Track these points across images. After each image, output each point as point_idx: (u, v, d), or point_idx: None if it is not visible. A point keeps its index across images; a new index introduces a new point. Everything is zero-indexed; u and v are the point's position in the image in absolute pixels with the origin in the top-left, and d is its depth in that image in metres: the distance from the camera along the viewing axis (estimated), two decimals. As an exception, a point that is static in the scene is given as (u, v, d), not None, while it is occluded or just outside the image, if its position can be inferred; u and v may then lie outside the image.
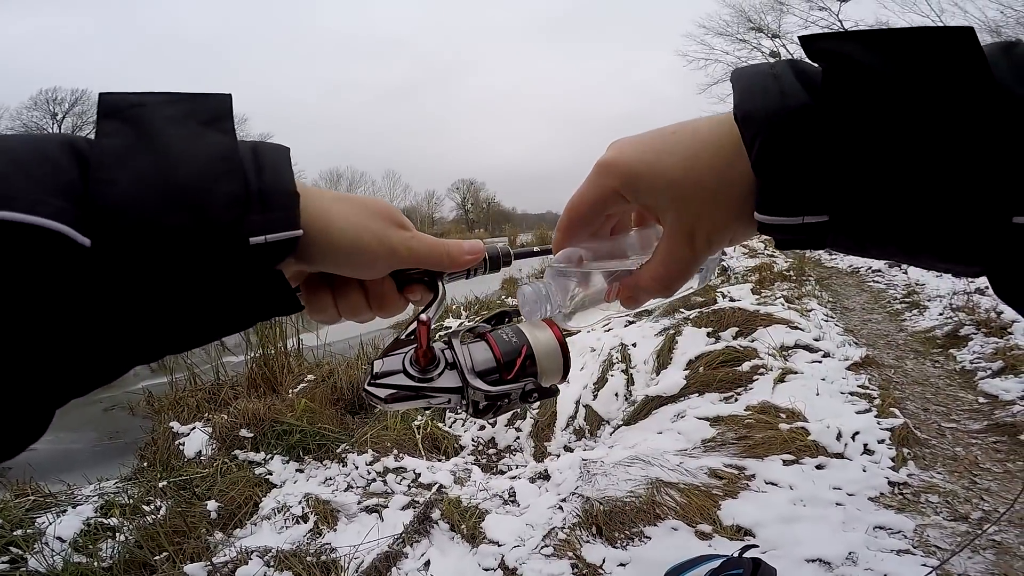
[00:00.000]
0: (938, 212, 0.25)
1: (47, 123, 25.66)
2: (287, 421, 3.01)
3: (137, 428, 3.53)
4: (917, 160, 0.24)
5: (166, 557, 2.08)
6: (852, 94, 0.25)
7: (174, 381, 4.00)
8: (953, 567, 1.73)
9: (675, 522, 2.03)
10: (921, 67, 0.24)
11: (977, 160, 0.24)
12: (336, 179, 39.78)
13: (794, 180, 0.27)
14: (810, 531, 1.93)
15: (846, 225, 0.27)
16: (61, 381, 0.26)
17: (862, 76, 0.25)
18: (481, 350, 0.36)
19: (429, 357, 0.35)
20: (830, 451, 2.42)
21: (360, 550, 2.03)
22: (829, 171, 0.26)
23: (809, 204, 0.27)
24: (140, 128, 0.27)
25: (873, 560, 1.78)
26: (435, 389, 0.35)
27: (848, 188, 0.26)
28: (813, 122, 0.26)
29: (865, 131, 0.25)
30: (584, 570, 1.84)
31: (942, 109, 0.24)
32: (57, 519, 2.21)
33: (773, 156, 0.27)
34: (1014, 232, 0.24)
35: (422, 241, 0.37)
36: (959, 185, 0.24)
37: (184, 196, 0.26)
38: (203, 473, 2.66)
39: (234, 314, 0.30)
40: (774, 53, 19.08)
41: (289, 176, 0.30)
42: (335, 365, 3.92)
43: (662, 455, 2.42)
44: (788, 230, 0.28)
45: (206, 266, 0.27)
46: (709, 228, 0.31)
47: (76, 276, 0.25)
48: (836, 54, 0.26)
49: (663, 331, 3.84)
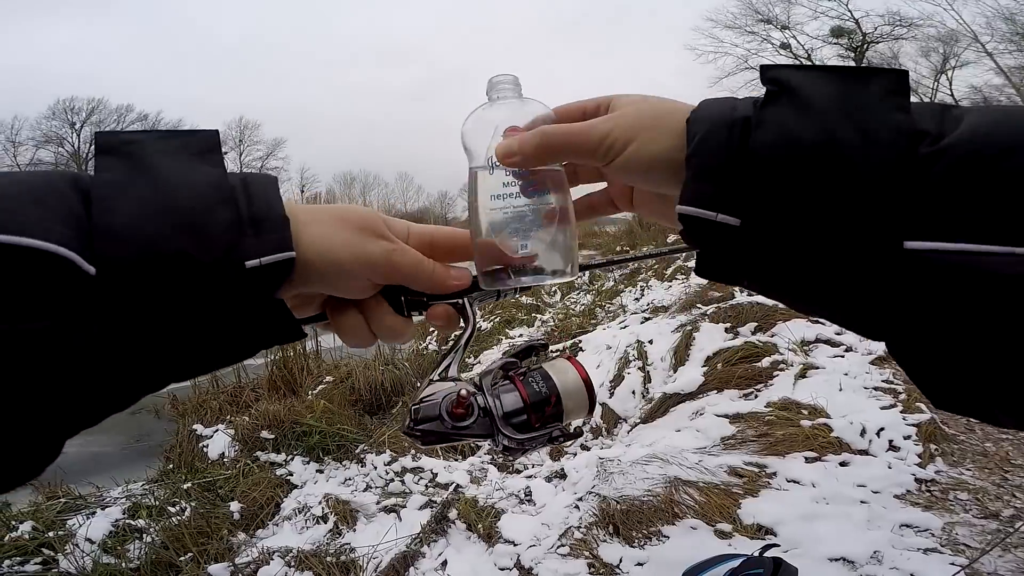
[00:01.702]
0: (835, 235, 0.25)
1: (66, 132, 26.39)
2: (307, 422, 3.05)
3: (162, 431, 3.62)
4: (821, 180, 0.26)
5: (190, 558, 2.13)
6: (779, 114, 0.27)
7: (197, 384, 4.08)
8: (983, 566, 1.68)
9: (694, 521, 2.00)
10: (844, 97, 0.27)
11: (874, 187, 0.25)
12: (350, 181, 40.19)
13: (714, 175, 0.28)
14: (833, 529, 1.89)
15: (754, 236, 0.27)
16: (69, 411, 0.27)
17: (792, 101, 0.27)
18: (511, 399, 0.38)
19: (464, 411, 0.37)
20: (854, 448, 2.37)
21: (379, 550, 2.05)
22: (749, 176, 0.27)
23: (725, 203, 0.28)
24: (136, 162, 0.29)
25: (899, 559, 1.74)
26: (468, 435, 0.37)
27: (760, 196, 0.27)
28: (745, 132, 0.28)
29: (783, 149, 0.26)
30: (601, 570, 1.83)
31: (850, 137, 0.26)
32: (87, 521, 2.28)
33: (704, 150, 0.28)
34: (906, 259, 0.24)
35: (406, 255, 0.36)
36: (853, 211, 0.25)
37: (183, 221, 0.27)
38: (226, 474, 2.72)
39: (235, 341, 0.30)
40: (784, 44, 18.72)
41: (278, 201, 0.31)
42: (353, 367, 3.96)
43: (680, 453, 2.40)
44: (703, 231, 0.29)
45: (206, 291, 0.27)
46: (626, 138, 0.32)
47: (83, 304, 0.25)
48: (779, 80, 0.28)
49: (680, 327, 3.79)
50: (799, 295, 0.29)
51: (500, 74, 0.41)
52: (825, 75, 0.28)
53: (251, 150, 31.58)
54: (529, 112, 0.39)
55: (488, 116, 0.40)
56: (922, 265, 0.24)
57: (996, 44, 14.12)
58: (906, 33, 16.89)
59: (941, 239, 0.24)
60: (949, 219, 0.24)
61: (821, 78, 0.28)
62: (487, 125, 0.39)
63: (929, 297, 0.24)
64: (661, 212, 0.39)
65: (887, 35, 17.39)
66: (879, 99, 0.26)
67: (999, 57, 14.00)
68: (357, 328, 0.38)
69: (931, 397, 0.27)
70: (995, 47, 14.07)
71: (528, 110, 0.39)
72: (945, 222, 0.24)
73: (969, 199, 0.24)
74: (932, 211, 0.24)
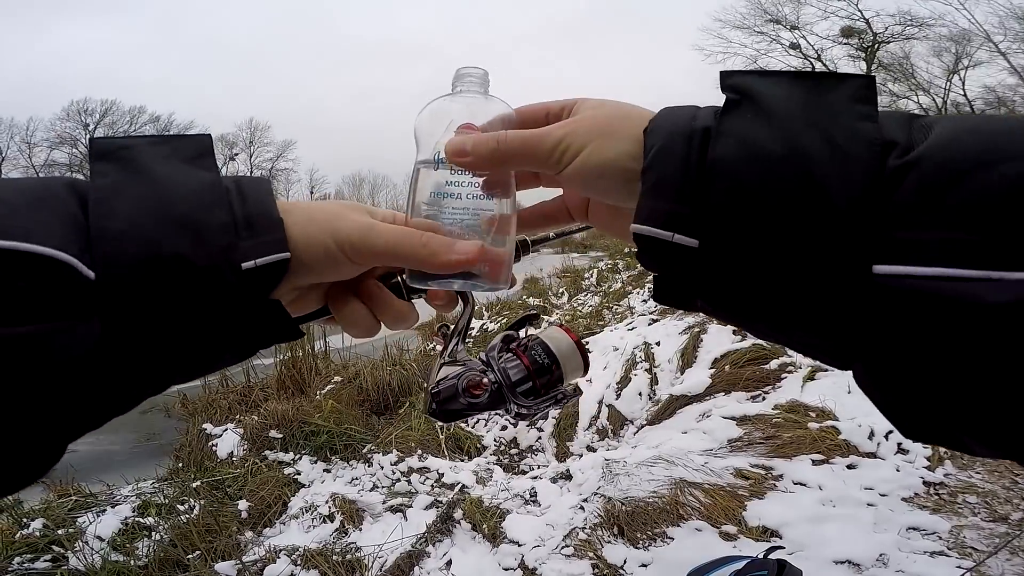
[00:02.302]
0: (800, 256, 0.24)
1: (80, 134, 26.69)
2: (315, 422, 3.08)
3: (172, 430, 3.66)
4: (784, 197, 0.24)
5: (198, 555, 2.15)
6: (740, 123, 0.26)
7: (207, 384, 4.12)
8: (990, 569, 1.66)
9: (699, 523, 2.00)
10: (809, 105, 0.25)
11: (841, 205, 0.23)
12: (359, 183, 40.40)
13: (671, 191, 0.26)
14: (839, 532, 1.88)
15: (713, 259, 0.26)
16: (72, 415, 0.27)
17: (753, 109, 0.26)
18: (517, 370, 0.40)
19: (481, 389, 0.40)
20: (862, 450, 2.35)
21: (384, 549, 2.07)
22: (707, 192, 0.25)
23: (682, 223, 0.26)
24: (131, 167, 0.29)
25: (905, 562, 1.73)
26: (484, 409, 0.40)
27: (719, 215, 0.25)
28: (704, 143, 0.26)
29: (743, 163, 0.25)
30: (605, 570, 1.83)
31: (815, 148, 0.24)
32: (97, 518, 2.31)
33: (660, 163, 0.27)
34: (875, 285, 0.22)
35: (386, 229, 0.34)
36: (820, 228, 0.23)
37: (180, 224, 0.28)
38: (235, 473, 2.74)
39: (234, 342, 0.30)
40: (794, 45, 18.59)
41: (272, 204, 0.31)
42: (361, 367, 3.98)
43: (686, 455, 2.39)
44: (658, 252, 0.27)
45: (204, 293, 0.28)
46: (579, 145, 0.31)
47: (84, 307, 0.26)
48: (739, 87, 0.27)
49: (687, 329, 3.78)
50: (757, 320, 0.27)
51: (468, 66, 0.40)
52: (788, 81, 0.27)
53: (261, 151, 31.83)
54: (490, 111, 0.38)
55: (445, 108, 0.39)
56: (892, 291, 0.22)
57: (1009, 43, 13.97)
58: (917, 33, 16.74)
59: (912, 263, 0.22)
60: (920, 240, 0.22)
61: (784, 84, 0.26)
62: (442, 118, 0.38)
63: (900, 325, 0.22)
64: (616, 227, 0.37)
65: (898, 35, 17.22)
66: (845, 106, 0.25)
67: (1012, 56, 13.85)
68: (361, 317, 0.37)
69: (899, 427, 0.26)
70: (1008, 46, 13.93)
71: (489, 108, 0.38)
72: (916, 244, 0.22)
73: (941, 217, 0.21)
74: (902, 231, 0.22)
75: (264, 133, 32.10)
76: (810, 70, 0.26)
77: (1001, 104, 15.45)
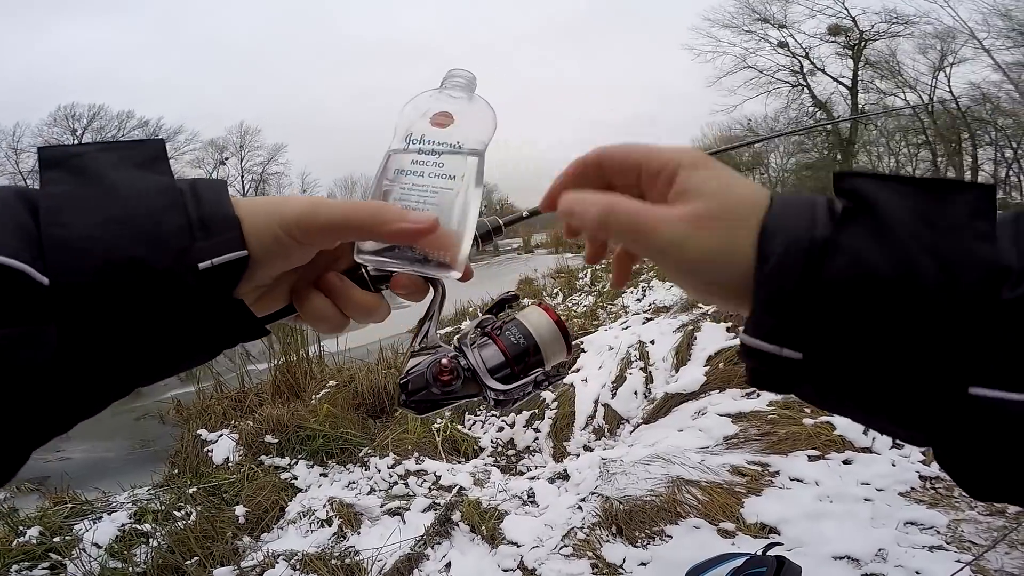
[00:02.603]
0: (901, 374, 0.25)
1: (67, 139, 26.46)
2: (310, 426, 3.06)
3: (167, 436, 3.63)
4: (892, 319, 0.25)
5: (196, 562, 2.14)
6: (857, 238, 0.26)
7: (201, 390, 4.10)
8: (989, 562, 1.68)
9: (697, 520, 2.00)
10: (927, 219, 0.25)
11: (948, 331, 0.24)
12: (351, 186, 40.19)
13: (783, 309, 0.27)
14: (837, 528, 1.89)
15: (816, 370, 0.27)
16: (33, 421, 0.27)
17: (870, 223, 0.26)
18: (491, 354, 0.39)
19: (451, 376, 0.38)
20: (857, 446, 2.37)
21: (383, 552, 2.06)
22: (818, 309, 0.26)
23: (788, 337, 0.27)
24: (82, 174, 0.29)
25: (904, 556, 1.74)
26: (459, 397, 0.38)
27: (827, 332, 0.26)
28: (820, 260, 0.26)
29: (857, 282, 0.25)
30: (604, 570, 1.84)
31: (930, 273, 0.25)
32: (94, 526, 2.29)
33: (776, 280, 0.27)
34: (969, 403, 0.24)
35: (332, 202, 0.33)
36: (924, 350, 0.24)
37: (133, 229, 0.27)
38: (231, 479, 2.73)
39: (197, 343, 0.30)
40: (782, 43, 18.69)
41: (227, 203, 0.31)
42: (356, 371, 3.97)
43: (683, 453, 2.40)
44: (764, 359, 0.28)
45: (162, 295, 0.28)
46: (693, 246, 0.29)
47: (39, 314, 0.25)
48: (857, 193, 0.27)
49: (681, 327, 3.79)
50: (854, 416, 0.28)
51: (458, 68, 0.41)
52: (904, 188, 0.27)
53: (252, 155, 31.68)
54: (473, 110, 0.39)
55: (425, 100, 0.40)
56: (986, 411, 0.24)
57: (993, 40, 14.07)
58: (903, 30, 16.84)
59: (1009, 389, 0.23)
60: (1017, 371, 0.23)
61: (900, 193, 0.26)
62: (421, 107, 0.39)
63: (991, 440, 0.24)
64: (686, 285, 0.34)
65: (884, 33, 17.34)
66: (963, 221, 0.25)
67: (996, 53, 13.95)
68: (325, 312, 0.36)
69: (969, 492, 0.27)
70: (992, 43, 14.02)
71: (472, 108, 0.39)
72: (1015, 372, 0.23)
73: None
74: (1004, 359, 0.24)
75: (254, 137, 31.94)
76: (929, 177, 0.27)
77: (986, 100, 15.61)
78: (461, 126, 0.39)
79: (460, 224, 0.37)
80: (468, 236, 0.37)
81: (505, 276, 10.53)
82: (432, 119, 0.39)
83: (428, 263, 0.36)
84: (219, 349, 0.31)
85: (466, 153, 0.39)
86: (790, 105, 19.55)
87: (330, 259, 0.37)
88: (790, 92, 19.38)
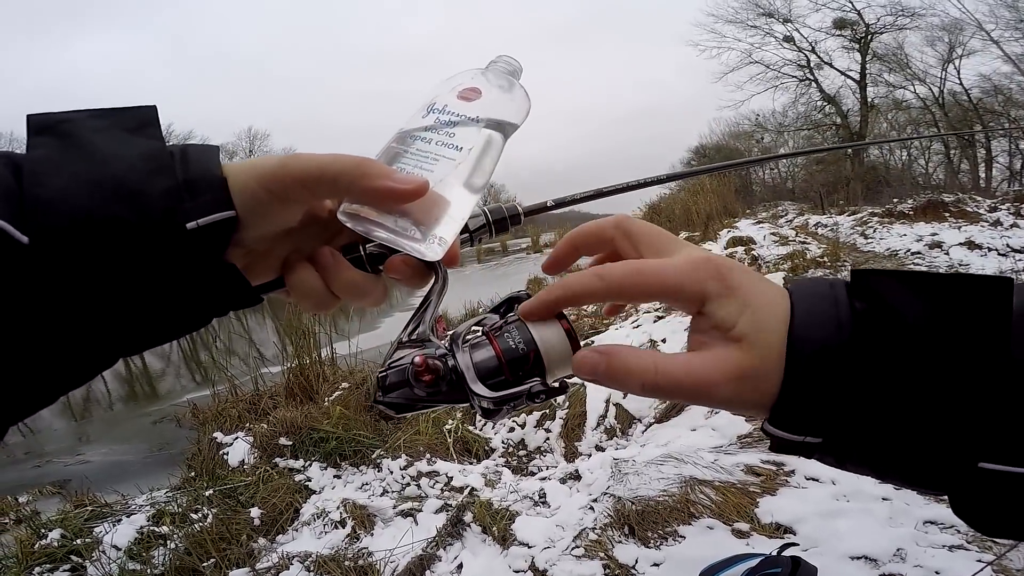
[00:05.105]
0: (917, 452, 0.27)
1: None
2: (324, 428, 3.09)
3: (184, 439, 3.69)
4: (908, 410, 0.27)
5: (213, 563, 2.16)
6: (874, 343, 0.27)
7: (216, 393, 4.16)
8: (1012, 562, 1.64)
9: (710, 521, 1.98)
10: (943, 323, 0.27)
11: (958, 416, 0.26)
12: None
13: (813, 409, 0.28)
14: (854, 527, 1.86)
15: (834, 448, 0.29)
16: (13, 389, 0.26)
17: (889, 324, 0.28)
18: (484, 353, 0.34)
19: (433, 375, 0.33)
20: (874, 443, 2.33)
21: (395, 554, 2.07)
22: (840, 403, 0.28)
23: (813, 427, 0.28)
24: (69, 139, 0.28)
25: (923, 556, 1.70)
26: (442, 401, 0.34)
27: (847, 422, 0.28)
28: (844, 363, 0.28)
29: (877, 382, 0.27)
30: (616, 570, 1.83)
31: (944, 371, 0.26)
32: (113, 528, 2.33)
33: (804, 382, 0.28)
34: (979, 474, 0.26)
35: (310, 154, 0.31)
36: (937, 434, 0.27)
37: (118, 190, 0.27)
38: (246, 481, 2.76)
39: (187, 307, 0.30)
40: (787, 38, 18.43)
41: (216, 165, 0.30)
42: (367, 372, 4.00)
43: (696, 452, 2.38)
44: (786, 443, 0.30)
45: (147, 255, 0.27)
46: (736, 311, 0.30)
47: (19, 273, 0.25)
48: (875, 295, 0.29)
49: (694, 325, 3.76)
50: (870, 475, 0.30)
51: (505, 55, 0.40)
52: (921, 291, 0.28)
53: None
54: (505, 93, 0.37)
55: (462, 79, 0.38)
56: (994, 482, 0.26)
57: (1001, 32, 13.74)
58: (909, 23, 16.48)
59: (1015, 464, 0.25)
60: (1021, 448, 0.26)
61: (917, 296, 0.28)
62: (453, 82, 0.38)
63: (999, 503, 0.27)
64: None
65: (890, 26, 17.01)
66: (975, 323, 0.27)
67: (1005, 44, 13.62)
68: (313, 287, 0.34)
69: (976, 529, 0.29)
70: (1000, 35, 13.70)
71: (506, 91, 0.38)
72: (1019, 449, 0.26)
73: None
74: (1010, 437, 0.26)
75: (264, 141, 32.29)
76: (945, 272, 0.29)
77: (998, 92, 15.29)
78: (485, 103, 0.37)
79: (456, 198, 0.34)
80: (460, 213, 0.34)
81: (514, 276, 10.51)
82: (460, 92, 0.38)
83: (408, 235, 0.33)
84: (209, 316, 0.31)
85: (482, 125, 0.36)
86: (798, 99, 19.32)
87: (329, 233, 0.36)
88: (798, 86, 19.11)
